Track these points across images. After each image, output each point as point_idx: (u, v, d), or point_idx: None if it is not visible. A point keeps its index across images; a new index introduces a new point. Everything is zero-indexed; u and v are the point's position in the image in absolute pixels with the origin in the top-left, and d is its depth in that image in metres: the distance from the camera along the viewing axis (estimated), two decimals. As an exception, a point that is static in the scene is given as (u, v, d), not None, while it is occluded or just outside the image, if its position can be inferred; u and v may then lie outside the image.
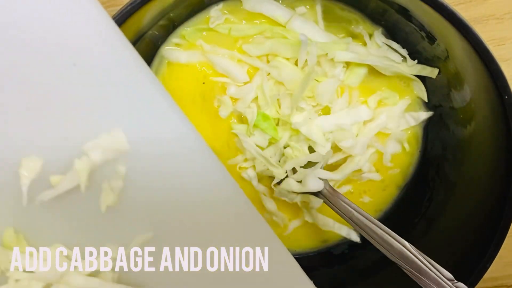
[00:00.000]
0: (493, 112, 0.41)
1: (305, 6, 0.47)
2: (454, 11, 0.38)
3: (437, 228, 0.48)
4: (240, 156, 0.48)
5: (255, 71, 0.47)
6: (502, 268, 0.53)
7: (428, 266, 0.42)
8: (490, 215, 0.42)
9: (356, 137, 0.47)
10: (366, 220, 0.45)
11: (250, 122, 0.45)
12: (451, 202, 0.47)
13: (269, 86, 0.45)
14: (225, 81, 0.46)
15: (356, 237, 0.51)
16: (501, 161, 0.41)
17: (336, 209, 0.45)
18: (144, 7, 0.39)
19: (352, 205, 0.44)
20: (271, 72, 0.46)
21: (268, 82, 0.46)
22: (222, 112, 0.47)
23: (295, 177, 0.45)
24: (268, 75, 0.46)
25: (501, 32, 0.52)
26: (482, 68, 0.40)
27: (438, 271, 0.41)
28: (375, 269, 0.49)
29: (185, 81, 0.47)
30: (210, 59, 0.46)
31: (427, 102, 0.49)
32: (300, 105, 0.45)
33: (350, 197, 0.49)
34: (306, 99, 0.46)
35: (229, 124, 0.47)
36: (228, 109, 0.46)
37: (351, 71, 0.47)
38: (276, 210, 0.49)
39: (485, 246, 0.41)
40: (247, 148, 0.46)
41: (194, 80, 0.47)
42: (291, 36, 0.45)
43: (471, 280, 0.41)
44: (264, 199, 0.49)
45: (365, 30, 0.47)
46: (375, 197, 0.51)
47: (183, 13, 0.46)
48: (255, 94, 0.46)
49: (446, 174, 0.48)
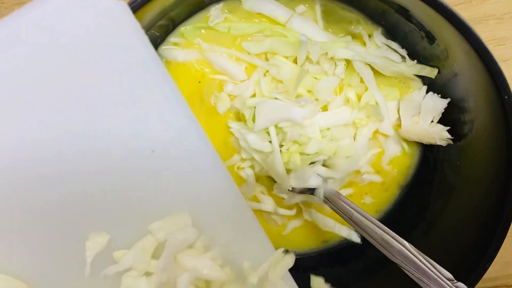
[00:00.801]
0: (493, 112, 0.41)
1: (304, 5, 0.47)
2: (454, 11, 0.38)
3: (437, 228, 0.48)
4: (236, 155, 0.48)
5: (253, 69, 0.46)
6: (502, 268, 0.53)
7: (428, 266, 0.42)
8: (490, 215, 0.42)
9: (355, 136, 0.47)
10: (366, 220, 0.46)
11: (247, 119, 0.45)
12: (451, 203, 0.47)
13: (267, 83, 0.45)
14: (222, 79, 0.46)
15: (356, 238, 0.51)
16: (501, 161, 0.41)
17: (336, 209, 0.45)
18: (144, 7, 0.39)
19: (352, 205, 0.44)
20: (270, 70, 0.46)
21: (266, 78, 0.46)
22: (220, 108, 0.47)
23: (294, 175, 0.45)
24: (267, 72, 0.46)
25: (501, 32, 0.52)
26: (482, 68, 0.39)
27: (438, 271, 0.41)
28: (375, 269, 0.49)
29: (183, 80, 0.47)
30: (208, 57, 0.46)
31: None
32: (301, 102, 0.45)
33: (351, 198, 0.49)
34: (305, 95, 0.46)
35: (226, 122, 0.47)
36: (225, 105, 0.46)
37: (350, 70, 0.47)
38: (274, 207, 0.49)
39: (485, 246, 0.41)
40: (243, 147, 0.46)
41: (191, 79, 0.47)
42: (291, 35, 0.45)
43: (471, 280, 0.41)
44: (262, 198, 0.49)
45: (365, 30, 0.47)
46: (376, 198, 0.51)
47: (183, 13, 0.46)
48: (253, 91, 0.46)
49: (446, 175, 0.48)
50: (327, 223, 0.50)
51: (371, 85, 0.46)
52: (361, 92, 0.47)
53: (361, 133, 0.47)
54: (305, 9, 0.47)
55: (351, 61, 0.46)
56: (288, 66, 0.45)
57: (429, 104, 0.47)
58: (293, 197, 0.48)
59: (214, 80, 0.47)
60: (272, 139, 0.44)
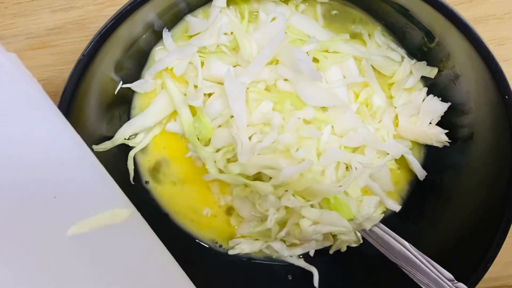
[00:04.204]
0: (493, 112, 0.41)
1: (304, 3, 0.47)
2: (455, 11, 0.38)
3: (438, 229, 0.47)
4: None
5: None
6: (502, 268, 0.53)
7: (428, 267, 0.42)
8: (490, 215, 0.42)
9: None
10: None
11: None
12: (451, 203, 0.47)
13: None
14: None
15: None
16: (502, 162, 0.41)
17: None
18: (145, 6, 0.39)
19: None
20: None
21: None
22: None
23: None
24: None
25: (501, 32, 0.52)
26: (482, 68, 0.39)
27: (438, 271, 0.41)
28: (375, 269, 0.49)
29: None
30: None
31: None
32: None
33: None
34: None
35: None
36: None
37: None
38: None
39: (486, 247, 0.41)
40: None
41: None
42: (291, 32, 0.45)
43: (471, 281, 0.41)
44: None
45: (365, 30, 0.47)
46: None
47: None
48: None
49: (446, 175, 0.48)
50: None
51: (373, 84, 0.46)
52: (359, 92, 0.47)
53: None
54: (304, 8, 0.47)
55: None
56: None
57: (428, 107, 0.47)
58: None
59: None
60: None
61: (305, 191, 0.43)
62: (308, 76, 0.41)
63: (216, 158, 0.44)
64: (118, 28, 0.39)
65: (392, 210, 0.49)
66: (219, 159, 0.44)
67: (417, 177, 0.49)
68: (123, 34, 0.41)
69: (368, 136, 0.44)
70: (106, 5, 0.52)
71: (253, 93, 0.43)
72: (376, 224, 0.46)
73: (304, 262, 0.49)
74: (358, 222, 0.45)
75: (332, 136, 0.44)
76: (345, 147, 0.44)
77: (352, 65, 0.46)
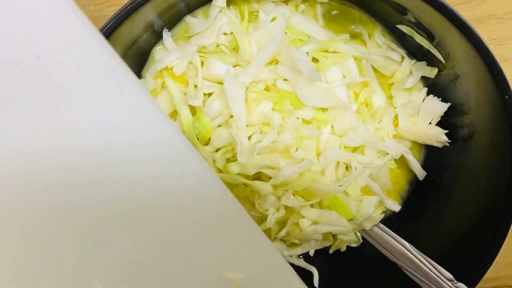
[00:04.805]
0: (493, 112, 0.41)
1: (304, 4, 0.47)
2: (455, 11, 0.38)
3: (438, 229, 0.47)
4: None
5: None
6: (502, 268, 0.53)
7: (428, 267, 0.42)
8: (490, 215, 0.42)
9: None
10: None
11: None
12: (451, 203, 0.47)
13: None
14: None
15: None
16: (502, 161, 0.41)
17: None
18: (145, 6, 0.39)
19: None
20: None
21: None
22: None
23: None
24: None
25: (501, 32, 0.52)
26: (482, 68, 0.39)
27: (438, 271, 0.41)
28: (375, 269, 0.49)
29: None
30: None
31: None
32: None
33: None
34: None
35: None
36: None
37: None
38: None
39: (486, 247, 0.41)
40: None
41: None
42: (291, 32, 0.45)
43: (471, 281, 0.41)
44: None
45: (365, 30, 0.47)
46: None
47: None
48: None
49: (446, 175, 0.48)
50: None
51: (373, 84, 0.46)
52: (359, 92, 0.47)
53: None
54: (304, 8, 0.47)
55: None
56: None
57: (428, 107, 0.47)
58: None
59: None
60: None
61: (304, 190, 0.43)
62: (307, 76, 0.41)
63: (215, 157, 0.44)
64: (118, 28, 0.39)
65: (392, 210, 0.49)
66: (218, 159, 0.44)
67: (417, 177, 0.49)
68: (123, 34, 0.41)
69: (368, 136, 0.44)
70: (106, 5, 0.52)
71: (252, 93, 0.43)
72: (376, 224, 0.46)
73: (304, 262, 0.49)
74: (358, 222, 0.45)
75: (332, 136, 0.44)
76: (344, 147, 0.44)
77: (352, 65, 0.46)
